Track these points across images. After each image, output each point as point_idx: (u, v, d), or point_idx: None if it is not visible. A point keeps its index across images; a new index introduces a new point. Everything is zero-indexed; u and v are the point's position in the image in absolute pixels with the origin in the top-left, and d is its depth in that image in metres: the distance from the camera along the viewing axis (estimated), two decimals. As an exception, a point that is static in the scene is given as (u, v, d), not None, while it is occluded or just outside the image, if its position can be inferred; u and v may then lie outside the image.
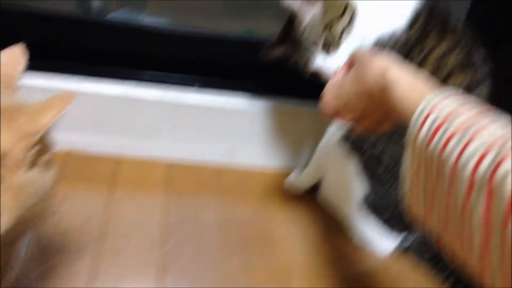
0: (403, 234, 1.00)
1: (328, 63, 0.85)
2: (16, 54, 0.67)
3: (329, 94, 0.73)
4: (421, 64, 0.89)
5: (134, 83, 1.11)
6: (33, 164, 0.60)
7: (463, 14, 1.17)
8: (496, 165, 0.45)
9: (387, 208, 0.96)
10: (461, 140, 0.50)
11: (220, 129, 1.16)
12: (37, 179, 0.61)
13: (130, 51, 1.14)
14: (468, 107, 0.55)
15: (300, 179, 1.13)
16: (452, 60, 0.89)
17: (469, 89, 0.89)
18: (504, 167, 0.45)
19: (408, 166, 0.59)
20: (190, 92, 1.13)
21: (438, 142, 0.53)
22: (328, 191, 1.08)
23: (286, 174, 1.17)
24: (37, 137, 0.59)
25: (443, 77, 0.89)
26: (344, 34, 0.85)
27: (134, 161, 1.13)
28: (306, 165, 1.11)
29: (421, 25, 0.89)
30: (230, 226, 1.02)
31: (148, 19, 1.32)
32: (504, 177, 0.44)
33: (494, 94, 0.92)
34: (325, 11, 0.84)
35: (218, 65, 1.18)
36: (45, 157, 0.63)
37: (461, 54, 0.89)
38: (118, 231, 0.94)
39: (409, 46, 0.89)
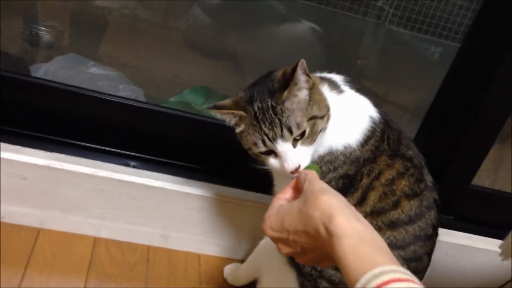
0: None
1: (291, 153, 0.77)
2: None
3: (271, 219, 0.65)
4: (370, 187, 0.83)
5: (62, 154, 1.01)
6: None
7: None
8: None
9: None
10: None
11: (154, 211, 1.06)
12: None
13: (63, 117, 1.03)
14: None
15: (236, 274, 1.05)
16: (401, 187, 0.83)
17: (417, 215, 0.83)
18: None
19: None
20: (125, 171, 1.03)
21: None
22: (263, 295, 0.99)
23: (225, 262, 1.08)
24: None
25: (391, 204, 0.82)
26: (320, 134, 0.79)
27: (57, 236, 1.04)
28: (245, 260, 1.03)
29: (372, 147, 0.83)
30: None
31: (95, 68, 1.22)
32: None
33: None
34: (312, 103, 0.77)
35: (158, 144, 1.08)
36: None
37: (410, 181, 0.83)
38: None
39: (360, 164, 0.83)
